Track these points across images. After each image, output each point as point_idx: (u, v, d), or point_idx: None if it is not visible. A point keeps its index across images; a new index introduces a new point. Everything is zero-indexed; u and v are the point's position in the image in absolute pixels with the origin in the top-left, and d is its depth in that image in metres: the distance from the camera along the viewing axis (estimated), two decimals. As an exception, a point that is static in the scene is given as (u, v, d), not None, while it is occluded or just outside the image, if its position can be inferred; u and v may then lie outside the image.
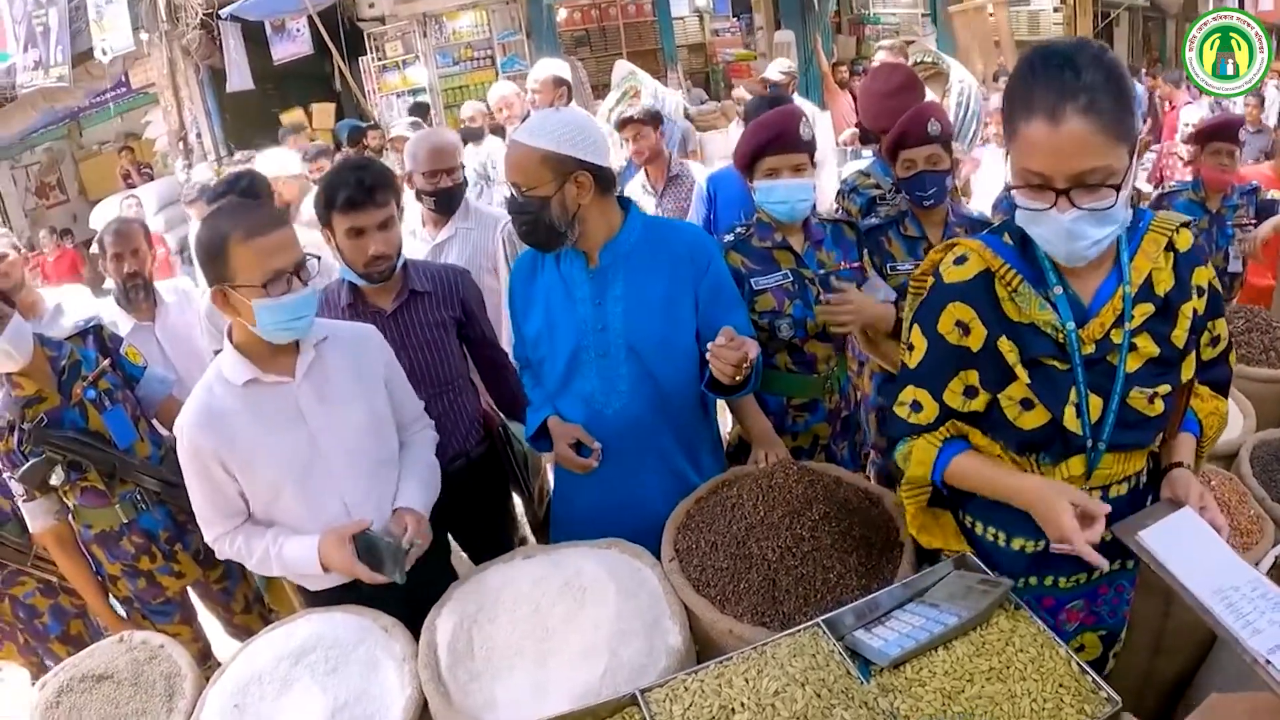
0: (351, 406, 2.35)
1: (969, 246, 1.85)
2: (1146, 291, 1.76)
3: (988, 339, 1.81)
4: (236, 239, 2.10)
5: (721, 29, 16.23)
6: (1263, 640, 1.64)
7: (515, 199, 2.40)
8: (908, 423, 1.94)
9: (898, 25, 17.32)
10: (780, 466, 2.39)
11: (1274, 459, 2.89)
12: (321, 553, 2.23)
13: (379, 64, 12.78)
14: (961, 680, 1.69)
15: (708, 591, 2.11)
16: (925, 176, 3.11)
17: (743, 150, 2.83)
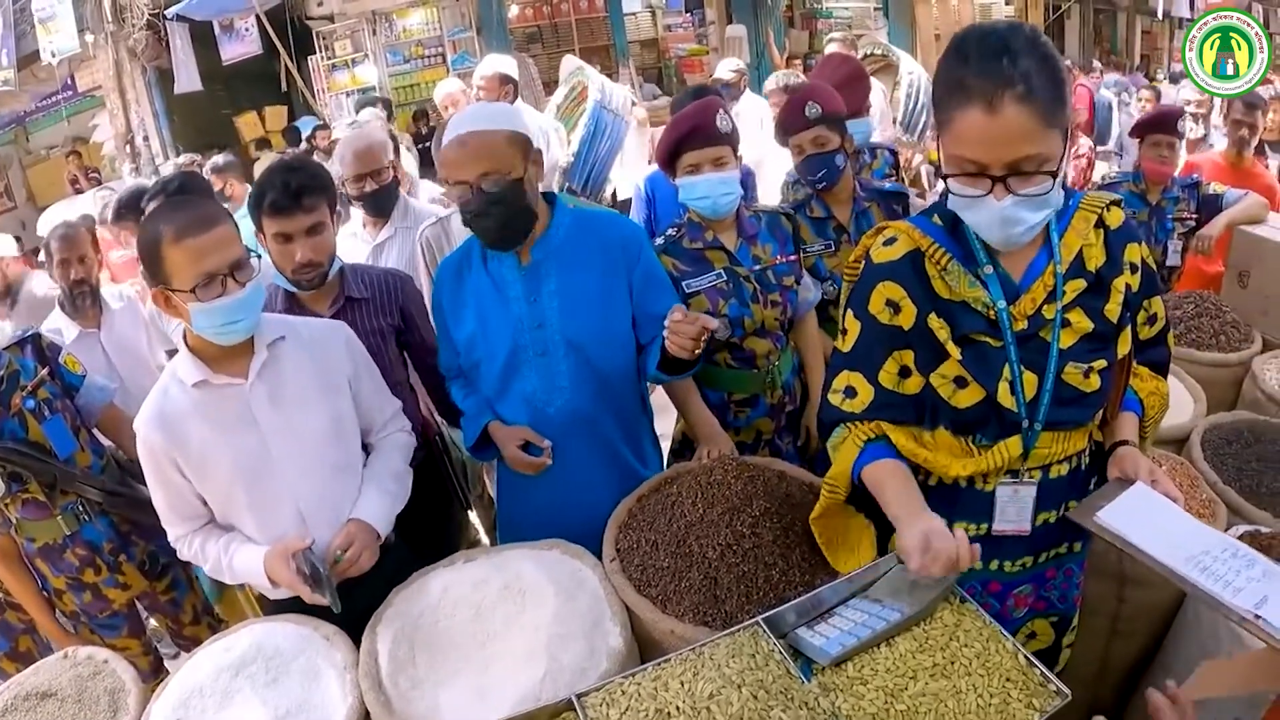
0: (308, 410, 2.28)
1: (898, 228, 1.87)
2: (1078, 268, 1.79)
3: (918, 317, 1.82)
4: (168, 240, 2.04)
5: (674, 24, 16.27)
6: (1246, 597, 1.64)
7: (485, 192, 2.28)
8: (840, 410, 1.93)
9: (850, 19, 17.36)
10: (720, 463, 2.37)
11: (1224, 442, 2.92)
12: (266, 567, 2.19)
13: (328, 63, 12.68)
14: (904, 678, 1.67)
15: (649, 592, 2.09)
16: (813, 160, 3.11)
17: (662, 147, 2.81)
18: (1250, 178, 4.54)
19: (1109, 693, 2.71)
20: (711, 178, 2.70)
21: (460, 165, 2.31)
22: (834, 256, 3.15)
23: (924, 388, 1.86)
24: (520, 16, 14.60)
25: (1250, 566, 1.68)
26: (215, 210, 2.18)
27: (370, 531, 2.29)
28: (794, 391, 3.01)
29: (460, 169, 2.31)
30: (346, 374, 2.38)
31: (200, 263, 2.04)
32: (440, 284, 2.58)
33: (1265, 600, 1.61)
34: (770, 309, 2.80)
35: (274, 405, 2.24)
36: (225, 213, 2.19)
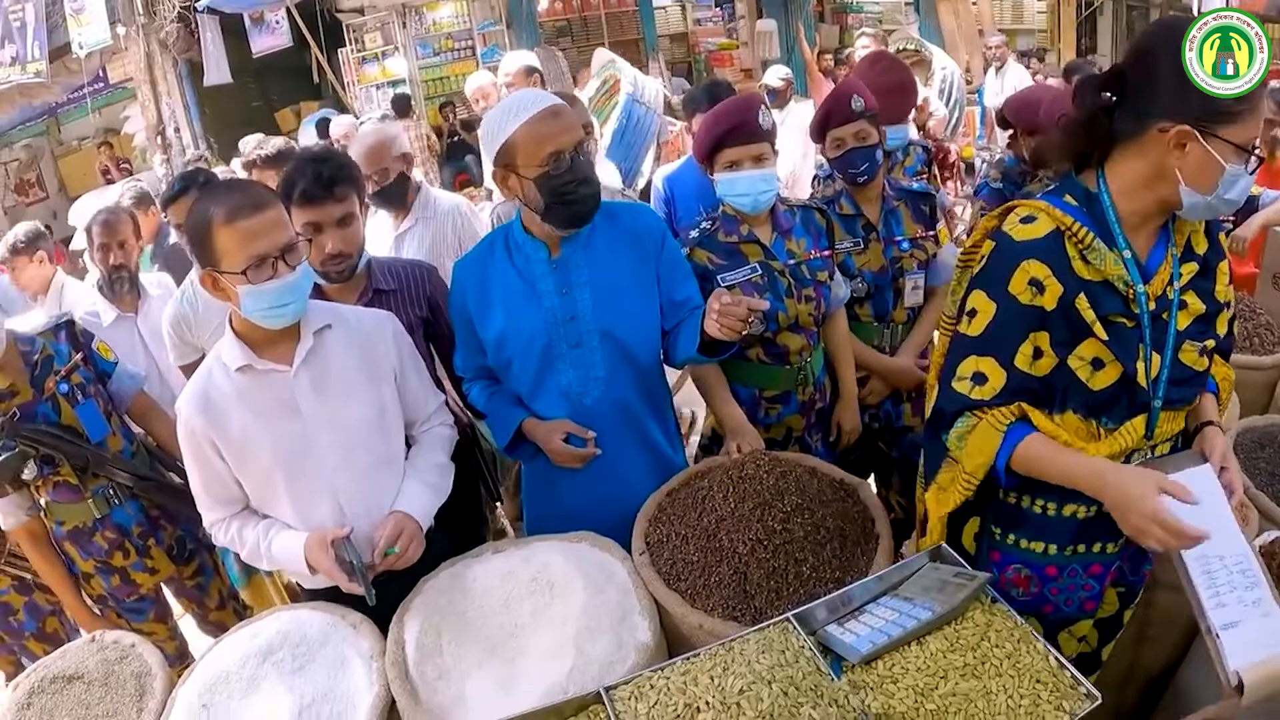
0: (351, 400, 2.26)
1: (1034, 207, 1.85)
2: (1189, 252, 1.86)
3: (1063, 296, 1.79)
4: (219, 222, 2.03)
5: (703, 18, 16.20)
6: (1223, 614, 1.72)
7: (583, 160, 2.30)
8: (968, 397, 1.87)
9: (881, 14, 17.31)
10: (751, 457, 2.36)
11: (1257, 446, 2.90)
12: (307, 553, 2.18)
13: (358, 56, 12.71)
14: (935, 677, 1.67)
15: (678, 586, 2.08)
16: (855, 153, 3.05)
17: (702, 142, 2.79)
18: None
19: (1134, 696, 2.69)
20: (753, 174, 2.69)
21: (557, 135, 2.28)
22: (863, 254, 3.11)
23: (1053, 370, 1.85)
24: (550, 10, 14.59)
25: (1249, 588, 1.76)
26: (266, 193, 2.15)
27: (415, 524, 2.27)
28: (824, 389, 2.99)
29: (557, 138, 2.27)
30: (393, 365, 2.36)
31: (252, 244, 2.03)
32: (462, 283, 2.53)
33: (1235, 625, 1.70)
34: (804, 304, 2.78)
35: (317, 393, 2.22)
36: (275, 195, 2.18)
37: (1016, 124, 3.87)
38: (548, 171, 2.28)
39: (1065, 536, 1.97)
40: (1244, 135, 1.67)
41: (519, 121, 2.28)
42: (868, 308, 3.17)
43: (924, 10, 15.86)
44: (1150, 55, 1.72)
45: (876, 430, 3.25)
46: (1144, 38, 1.80)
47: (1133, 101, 1.74)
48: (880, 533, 2.20)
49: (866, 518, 2.25)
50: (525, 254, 2.45)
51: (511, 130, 2.29)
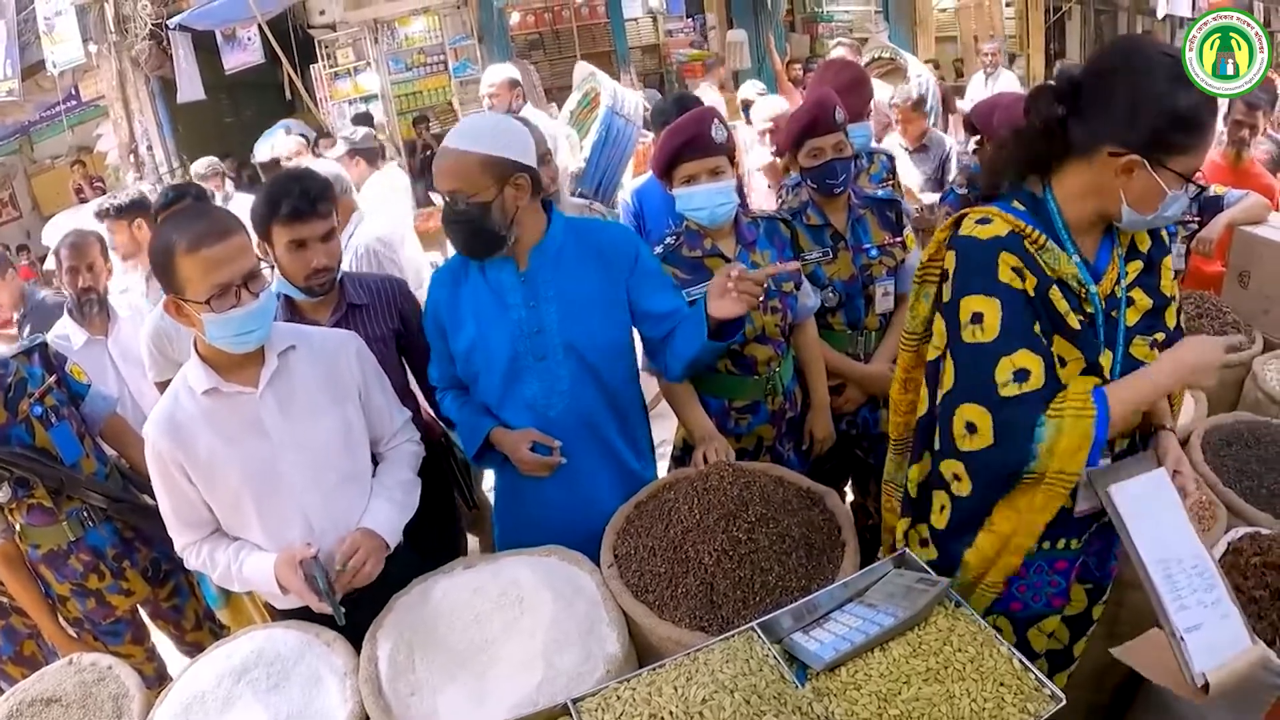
0: (317, 420, 2.28)
1: (986, 211, 1.87)
2: (1133, 250, 1.92)
3: (1038, 287, 1.81)
4: (182, 250, 2.04)
5: (675, 29, 16.25)
6: (1185, 617, 1.75)
7: (453, 207, 2.35)
8: (1023, 397, 1.77)
9: (851, 22, 17.41)
10: (715, 469, 2.39)
11: (1224, 444, 2.93)
12: (276, 573, 2.20)
13: (331, 71, 12.68)
14: (898, 682, 1.69)
15: (646, 597, 2.10)
16: (836, 164, 3.08)
17: (658, 158, 2.82)
18: (1250, 178, 4.54)
19: (1108, 695, 2.71)
20: (709, 188, 2.72)
21: (438, 177, 2.39)
22: (832, 264, 3.15)
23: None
24: (521, 24, 14.60)
25: (1207, 590, 1.79)
26: (229, 220, 2.16)
27: (376, 540, 2.28)
28: (795, 398, 3.02)
29: (438, 179, 2.39)
30: (356, 384, 2.37)
31: (214, 273, 2.04)
32: (436, 295, 2.59)
33: (1198, 628, 1.74)
34: (770, 315, 2.82)
35: (283, 415, 2.24)
36: (239, 222, 2.18)
37: (983, 130, 3.91)
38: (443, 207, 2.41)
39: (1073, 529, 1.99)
40: (1190, 166, 1.72)
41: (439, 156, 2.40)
42: (840, 316, 3.20)
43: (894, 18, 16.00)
44: (1109, 76, 1.75)
45: (853, 437, 3.29)
46: (1105, 56, 1.83)
47: (1086, 117, 1.77)
48: (846, 540, 2.22)
49: (833, 525, 2.28)
50: (496, 267, 2.48)
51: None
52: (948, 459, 1.94)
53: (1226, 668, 1.75)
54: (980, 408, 1.80)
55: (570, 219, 2.57)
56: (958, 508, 1.99)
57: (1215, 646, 1.78)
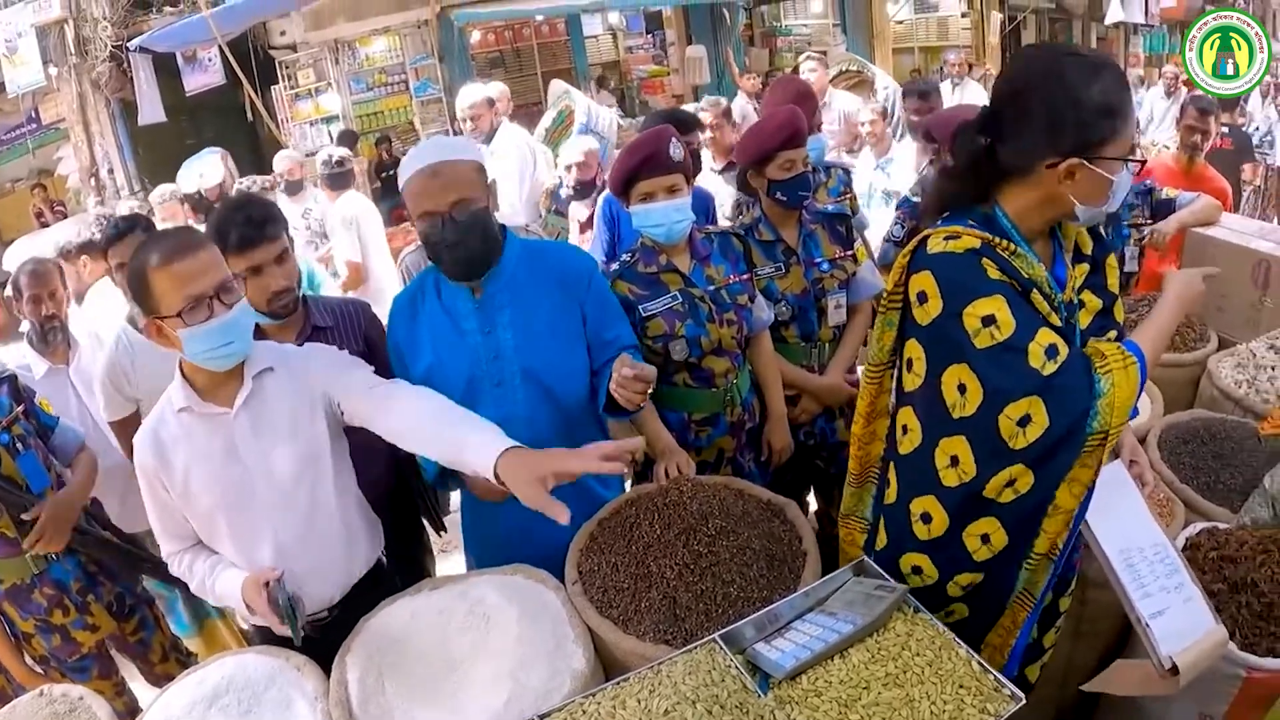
0: (290, 442, 2.27)
1: (950, 230, 1.86)
2: (1078, 253, 1.95)
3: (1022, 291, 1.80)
4: (153, 266, 2.06)
5: (634, 46, 16.40)
6: (1150, 604, 1.78)
7: (457, 221, 2.31)
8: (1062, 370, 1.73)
9: (809, 36, 17.58)
10: (675, 484, 2.42)
11: (1181, 441, 2.98)
12: (243, 594, 2.22)
13: (292, 92, 12.65)
14: (858, 688, 1.70)
15: (610, 613, 2.12)
16: (805, 178, 3.13)
17: (616, 175, 2.85)
18: (1202, 181, 4.64)
19: (1075, 692, 2.74)
20: (666, 205, 2.75)
21: (432, 195, 2.32)
22: (785, 278, 3.19)
23: None
24: (482, 42, 14.66)
25: (1169, 575, 1.83)
26: (198, 236, 2.18)
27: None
28: (753, 409, 3.05)
29: (432, 198, 2.32)
30: (319, 393, 2.31)
31: (186, 286, 2.05)
32: (396, 322, 2.59)
33: (1162, 613, 1.77)
34: (726, 328, 2.85)
35: (256, 436, 2.24)
36: (208, 238, 2.21)
37: (940, 140, 3.96)
38: (422, 230, 2.37)
39: None
40: (1123, 147, 1.74)
41: (408, 173, 2.37)
42: (793, 329, 3.24)
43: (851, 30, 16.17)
44: (1022, 95, 1.78)
45: (811, 448, 3.32)
46: (1012, 78, 1.86)
47: (1013, 140, 1.79)
48: (807, 549, 2.25)
49: (794, 536, 2.31)
50: (452, 293, 2.50)
51: (403, 182, 2.39)
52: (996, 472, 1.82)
53: (1192, 650, 1.80)
54: (1029, 399, 1.74)
55: (524, 241, 2.58)
56: (1015, 514, 1.87)
57: (1180, 631, 1.82)
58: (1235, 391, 3.24)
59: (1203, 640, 1.83)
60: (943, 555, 1.96)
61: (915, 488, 1.96)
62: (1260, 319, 3.76)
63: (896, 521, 2.04)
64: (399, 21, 12.67)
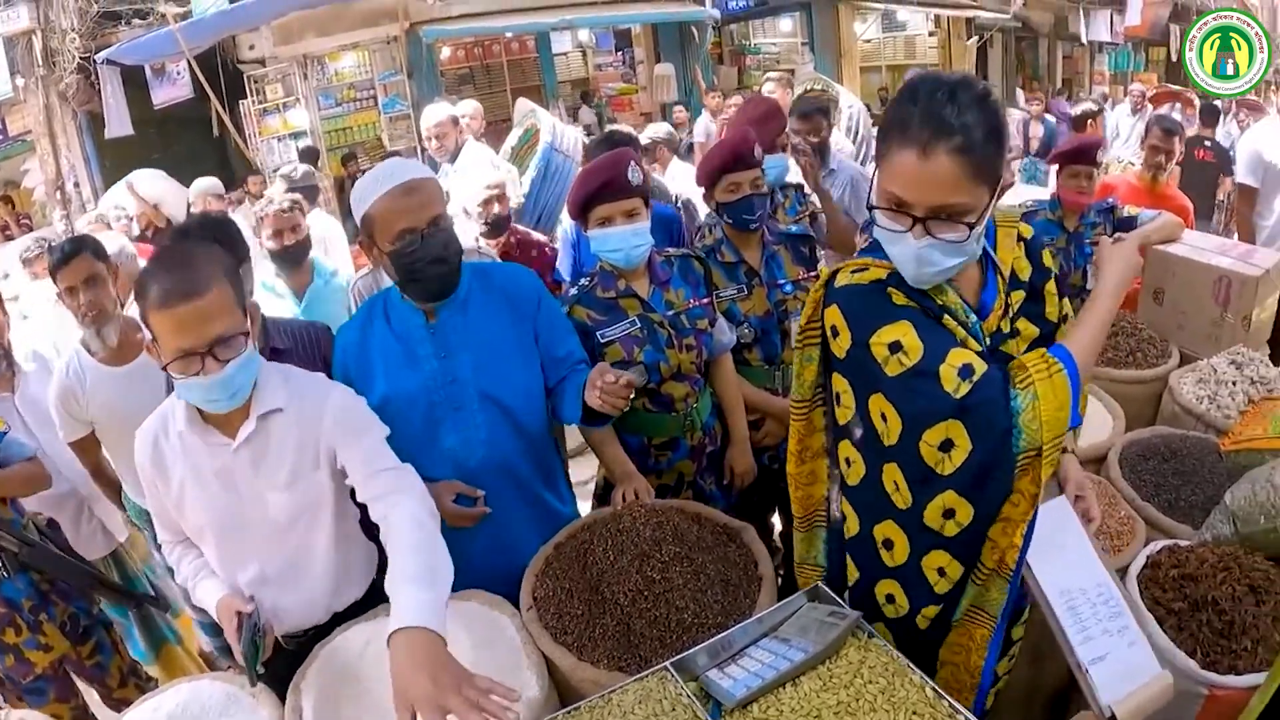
0: (284, 490, 2.19)
1: (859, 262, 1.86)
2: (1015, 280, 1.89)
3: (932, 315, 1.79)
4: (152, 305, 1.92)
5: (604, 63, 16.49)
6: (1090, 649, 1.74)
7: (434, 238, 2.31)
8: (975, 388, 1.68)
9: (778, 54, 17.73)
10: (629, 509, 2.42)
11: (1141, 459, 3.00)
12: (218, 611, 2.20)
13: (260, 108, 12.59)
14: (809, 717, 1.69)
15: (565, 639, 2.11)
16: (753, 200, 3.13)
17: (574, 200, 2.83)
18: (1164, 200, 4.71)
19: (1041, 714, 2.77)
20: (624, 230, 2.74)
21: (410, 212, 2.31)
22: (747, 300, 3.20)
23: None
24: (451, 59, 14.67)
25: (1112, 619, 1.79)
26: (207, 273, 1.96)
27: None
28: (714, 433, 3.05)
29: (410, 216, 2.31)
30: (322, 443, 2.19)
31: (177, 337, 1.92)
32: (344, 350, 2.58)
33: (1103, 659, 1.73)
34: (685, 353, 2.84)
35: (256, 474, 2.16)
36: (221, 276, 2.00)
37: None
38: (399, 249, 2.32)
39: None
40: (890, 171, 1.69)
41: (375, 195, 2.33)
42: (756, 351, 3.25)
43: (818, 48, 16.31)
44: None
45: (776, 471, 3.29)
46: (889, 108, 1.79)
47: None
48: (764, 574, 2.25)
49: (749, 560, 2.31)
50: (404, 319, 2.49)
51: (369, 203, 2.34)
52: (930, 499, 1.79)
53: (1134, 697, 1.76)
54: (946, 423, 1.70)
55: (472, 264, 2.57)
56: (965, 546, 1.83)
57: (1122, 675, 1.78)
58: (1197, 407, 3.28)
59: (1146, 687, 1.80)
60: (910, 585, 1.92)
61: (873, 513, 1.93)
62: (1221, 335, 3.80)
63: (864, 552, 2.00)
64: (368, 37, 12.68)
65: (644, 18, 14.62)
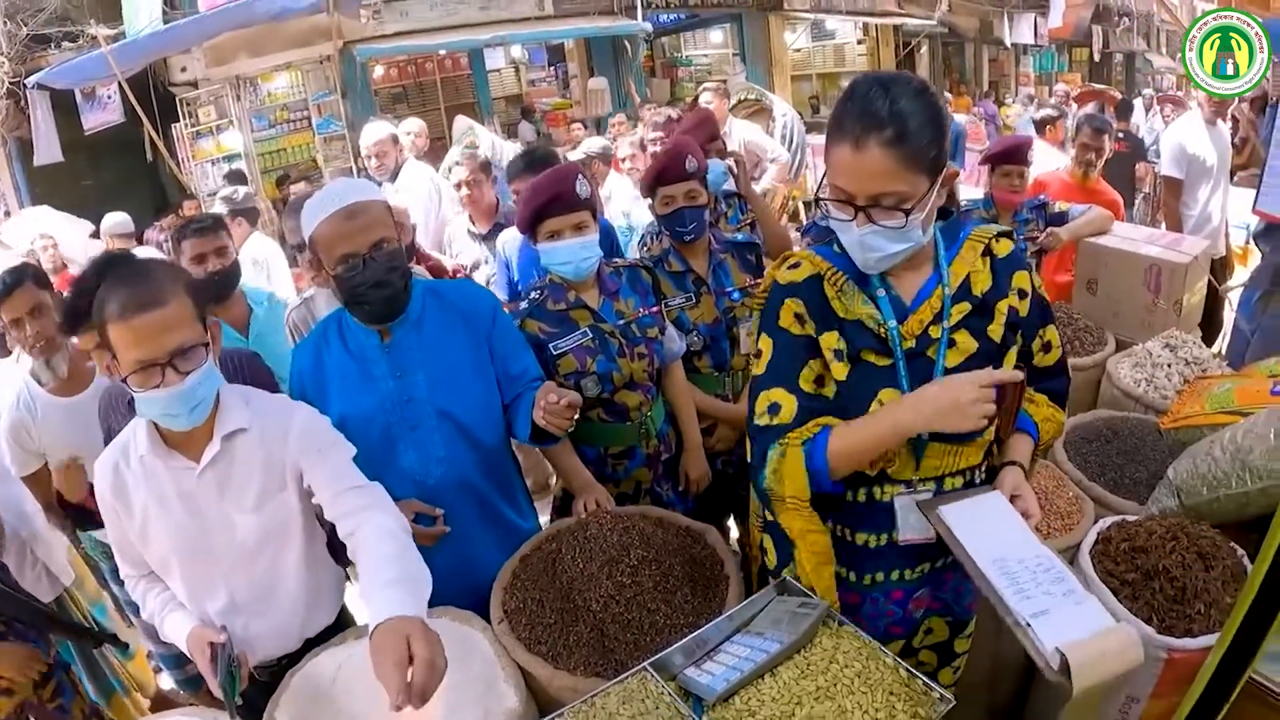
0: (251, 512, 2.17)
1: (801, 255, 2.01)
2: (964, 292, 1.93)
3: (816, 332, 1.93)
4: (111, 316, 1.90)
5: (537, 79, 16.48)
6: (1029, 605, 1.69)
7: (378, 261, 2.32)
8: (770, 427, 1.91)
9: (709, 65, 17.87)
10: (594, 517, 2.45)
11: (1084, 441, 3.10)
12: (188, 646, 2.16)
13: (192, 130, 12.40)
14: (791, 704, 1.71)
15: (539, 649, 2.13)
16: (685, 212, 3.18)
17: (523, 213, 2.85)
18: (1095, 195, 4.91)
19: (1007, 694, 2.83)
20: (573, 243, 2.77)
21: (351, 236, 2.31)
22: (696, 308, 3.25)
23: (837, 394, 1.94)
24: (385, 77, 14.56)
25: (1056, 583, 1.74)
26: (166, 286, 1.97)
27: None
28: (669, 440, 3.09)
29: (351, 240, 2.31)
30: (289, 464, 2.18)
31: (136, 348, 1.90)
32: (300, 371, 2.58)
33: (1044, 614, 1.67)
34: (637, 361, 2.88)
35: (221, 496, 2.14)
36: (180, 289, 2.00)
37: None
38: (341, 273, 2.34)
39: (865, 562, 2.05)
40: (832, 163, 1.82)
41: (320, 217, 2.33)
42: (706, 359, 3.29)
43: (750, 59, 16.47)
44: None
45: (731, 476, 3.35)
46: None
47: None
48: (729, 574, 2.29)
49: (715, 561, 2.35)
50: (358, 339, 2.49)
51: (314, 225, 2.35)
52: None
53: (1088, 644, 1.62)
54: (750, 433, 1.98)
55: (425, 282, 2.59)
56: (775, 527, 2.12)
57: (1070, 626, 1.66)
58: (1135, 390, 3.40)
59: (1103, 637, 1.64)
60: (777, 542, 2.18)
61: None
62: (1154, 320, 3.96)
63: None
64: (301, 57, 12.53)
65: (577, 32, 14.61)
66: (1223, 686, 1.61)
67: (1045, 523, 2.64)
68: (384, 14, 12.76)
